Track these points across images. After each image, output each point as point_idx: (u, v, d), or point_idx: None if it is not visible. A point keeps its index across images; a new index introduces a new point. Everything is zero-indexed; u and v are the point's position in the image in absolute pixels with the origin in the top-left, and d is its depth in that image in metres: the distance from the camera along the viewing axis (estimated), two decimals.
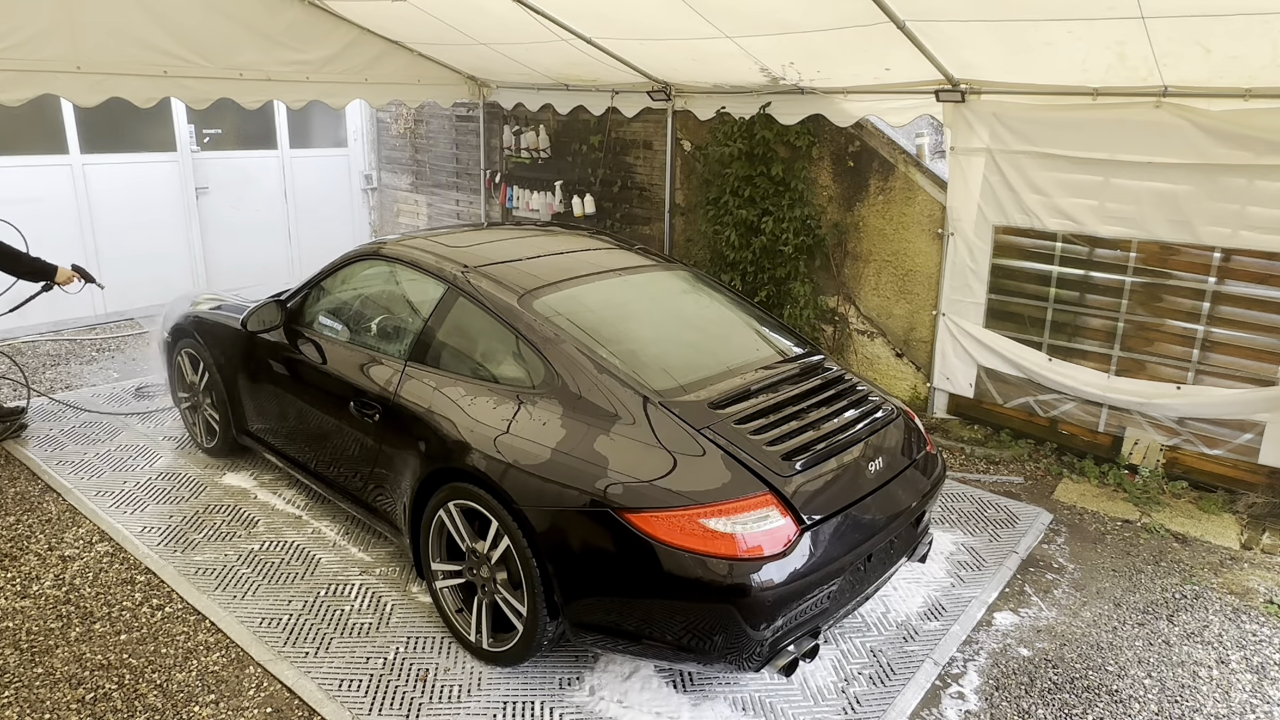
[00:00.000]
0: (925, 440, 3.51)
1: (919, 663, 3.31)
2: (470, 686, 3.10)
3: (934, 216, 5.54)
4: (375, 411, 3.47)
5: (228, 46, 5.87)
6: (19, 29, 4.95)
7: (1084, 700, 3.16)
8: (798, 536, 2.74)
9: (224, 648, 3.28)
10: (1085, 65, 4.24)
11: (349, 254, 4.05)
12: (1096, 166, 4.66)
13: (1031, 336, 5.20)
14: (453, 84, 7.61)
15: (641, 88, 6.61)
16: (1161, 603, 3.80)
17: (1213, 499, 4.67)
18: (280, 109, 8.65)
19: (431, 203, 9.46)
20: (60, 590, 3.63)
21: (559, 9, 5.22)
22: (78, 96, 5.31)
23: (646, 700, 3.05)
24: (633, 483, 2.76)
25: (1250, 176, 4.22)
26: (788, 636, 2.82)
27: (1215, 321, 4.56)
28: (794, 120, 5.84)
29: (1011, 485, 4.91)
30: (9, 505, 4.33)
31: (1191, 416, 4.70)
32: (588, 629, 2.89)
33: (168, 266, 8.10)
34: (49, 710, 2.94)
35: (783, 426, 3.06)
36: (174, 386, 5.04)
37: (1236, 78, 4.00)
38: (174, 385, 5.04)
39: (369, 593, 3.65)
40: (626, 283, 3.84)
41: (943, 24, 4.21)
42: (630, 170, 7.34)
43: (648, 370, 3.19)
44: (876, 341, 6.06)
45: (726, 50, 5.18)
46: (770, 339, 3.80)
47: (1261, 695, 3.22)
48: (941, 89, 4.98)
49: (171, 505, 4.35)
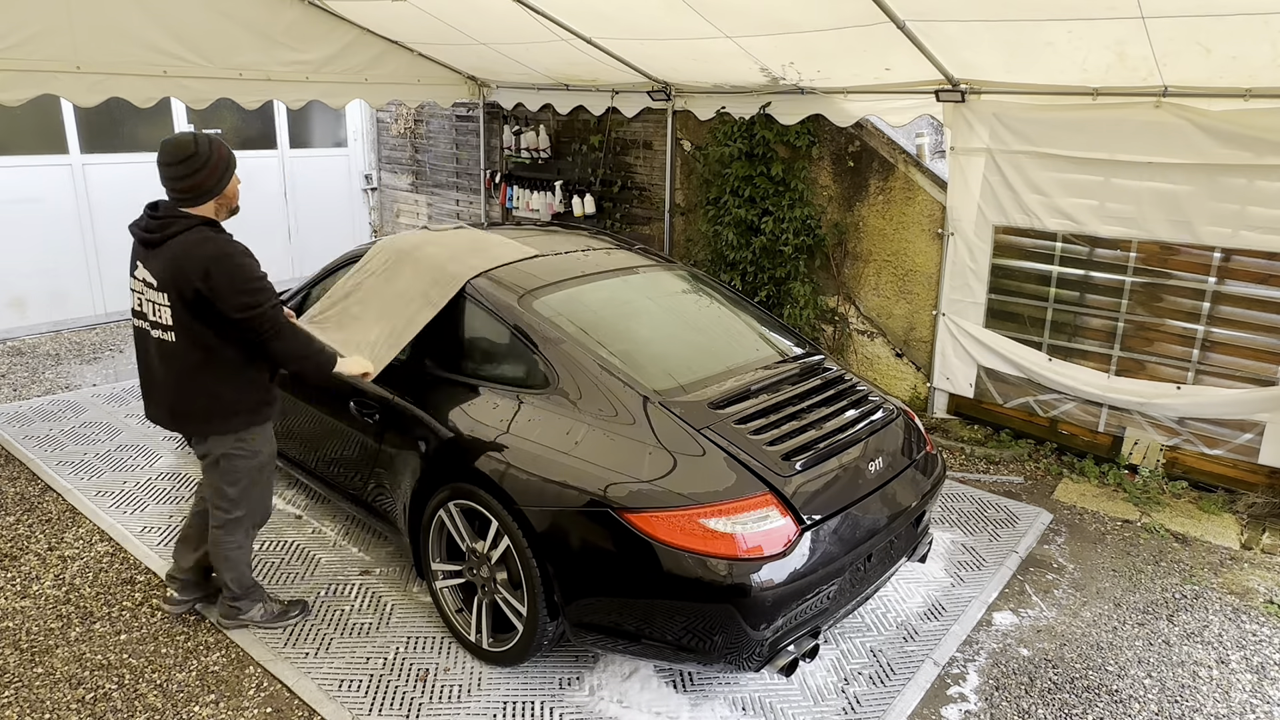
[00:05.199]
0: (925, 440, 3.51)
1: (919, 663, 3.31)
2: (470, 686, 3.10)
3: (934, 216, 5.54)
4: (375, 412, 3.47)
5: (227, 46, 5.87)
6: (19, 29, 4.95)
7: (1084, 700, 3.16)
8: (798, 536, 2.74)
9: (224, 648, 3.28)
10: (1085, 65, 4.24)
11: (349, 254, 4.05)
12: (1096, 166, 4.66)
13: (1031, 336, 5.20)
14: (452, 84, 7.61)
15: (641, 88, 6.61)
16: (1161, 603, 3.80)
17: (1213, 499, 4.67)
18: (280, 109, 8.65)
19: (431, 203, 9.46)
20: (60, 590, 3.63)
21: (559, 9, 5.22)
22: (77, 96, 5.31)
23: (646, 700, 3.05)
24: (633, 483, 2.76)
25: (1250, 176, 4.22)
26: (788, 636, 2.82)
27: (1215, 321, 4.56)
28: (794, 120, 5.84)
29: (1011, 485, 4.91)
30: (9, 505, 4.33)
31: (1191, 416, 4.70)
32: (588, 629, 2.89)
33: None
34: (49, 710, 2.94)
35: (783, 426, 3.07)
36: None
37: (1236, 78, 3.99)
38: None
39: (369, 593, 3.65)
40: (626, 283, 3.84)
41: (943, 24, 4.21)
42: (630, 170, 7.34)
43: (647, 370, 3.19)
44: (876, 341, 6.06)
45: (726, 50, 5.18)
46: (770, 339, 3.80)
47: (1261, 695, 3.22)
48: (941, 89, 4.98)
49: (171, 505, 4.35)
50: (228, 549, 3.18)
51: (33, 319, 7.36)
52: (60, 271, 7.44)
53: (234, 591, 3.26)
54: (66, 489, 4.48)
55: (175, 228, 2.80)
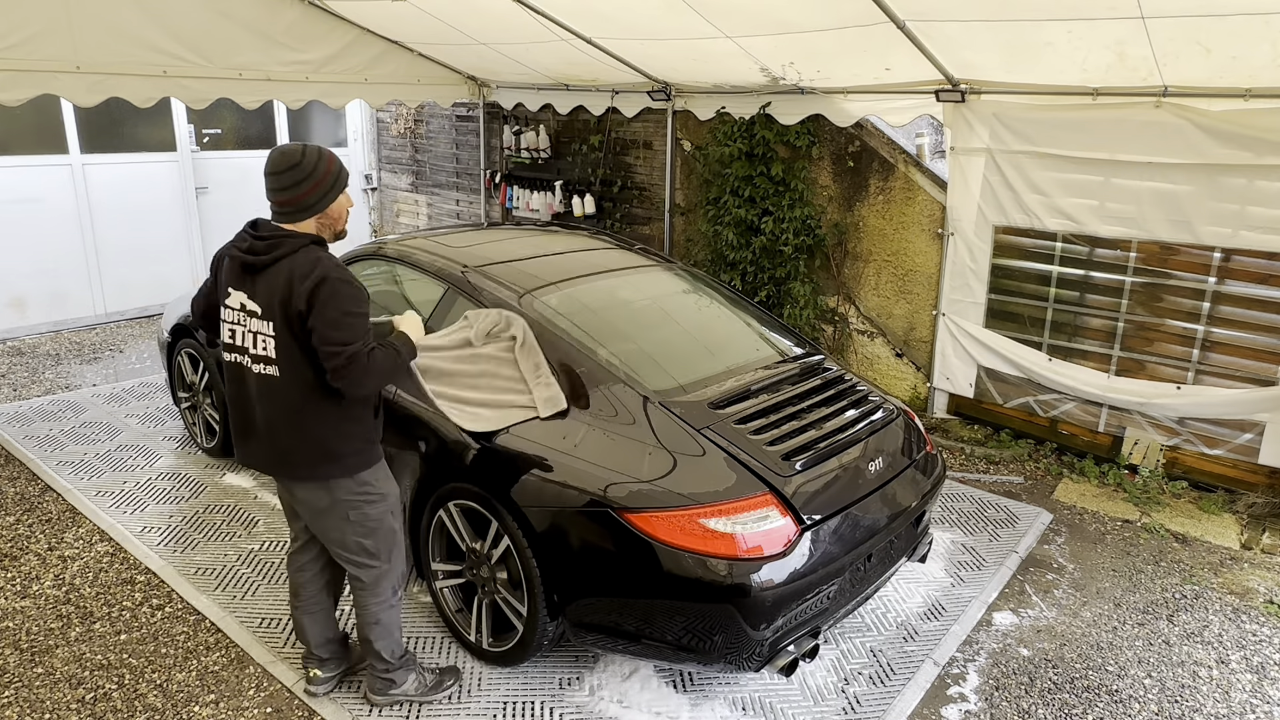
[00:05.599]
0: (925, 440, 3.51)
1: (919, 663, 3.31)
2: (470, 686, 3.10)
3: (934, 216, 5.54)
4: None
5: (227, 46, 5.87)
6: (19, 29, 4.95)
7: (1084, 700, 3.16)
8: (798, 536, 2.74)
9: (224, 648, 3.28)
10: (1085, 65, 4.24)
11: (349, 254, 4.05)
12: (1096, 166, 4.66)
13: (1031, 336, 5.20)
14: (452, 84, 7.61)
15: (641, 88, 6.60)
16: (1161, 603, 3.80)
17: (1213, 499, 4.67)
18: (280, 109, 8.65)
19: (431, 203, 9.46)
20: (60, 590, 3.63)
21: (559, 9, 5.22)
22: (77, 96, 5.31)
23: (646, 700, 3.05)
24: (633, 483, 2.76)
25: (1250, 176, 4.21)
26: (788, 636, 2.82)
27: (1215, 321, 4.56)
28: (794, 120, 5.84)
29: (1011, 485, 4.91)
30: (9, 505, 4.33)
31: (1191, 416, 4.70)
32: (588, 629, 2.89)
33: (168, 266, 8.10)
34: (49, 710, 2.94)
35: (783, 426, 3.07)
36: (174, 386, 5.04)
37: (1236, 78, 3.99)
38: (174, 385, 5.03)
39: None
40: (626, 282, 3.84)
41: (943, 24, 4.21)
42: (630, 170, 7.34)
43: (647, 370, 3.19)
44: (876, 341, 6.06)
45: (726, 50, 5.18)
46: (770, 339, 3.80)
47: (1261, 695, 3.22)
48: (941, 89, 4.98)
49: (171, 505, 4.35)
50: (378, 610, 2.79)
51: (33, 319, 7.36)
52: (60, 271, 7.44)
53: (387, 662, 2.88)
54: (66, 489, 4.48)
55: (284, 248, 2.48)
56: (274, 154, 2.54)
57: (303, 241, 2.51)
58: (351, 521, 2.67)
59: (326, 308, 2.42)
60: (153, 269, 7.99)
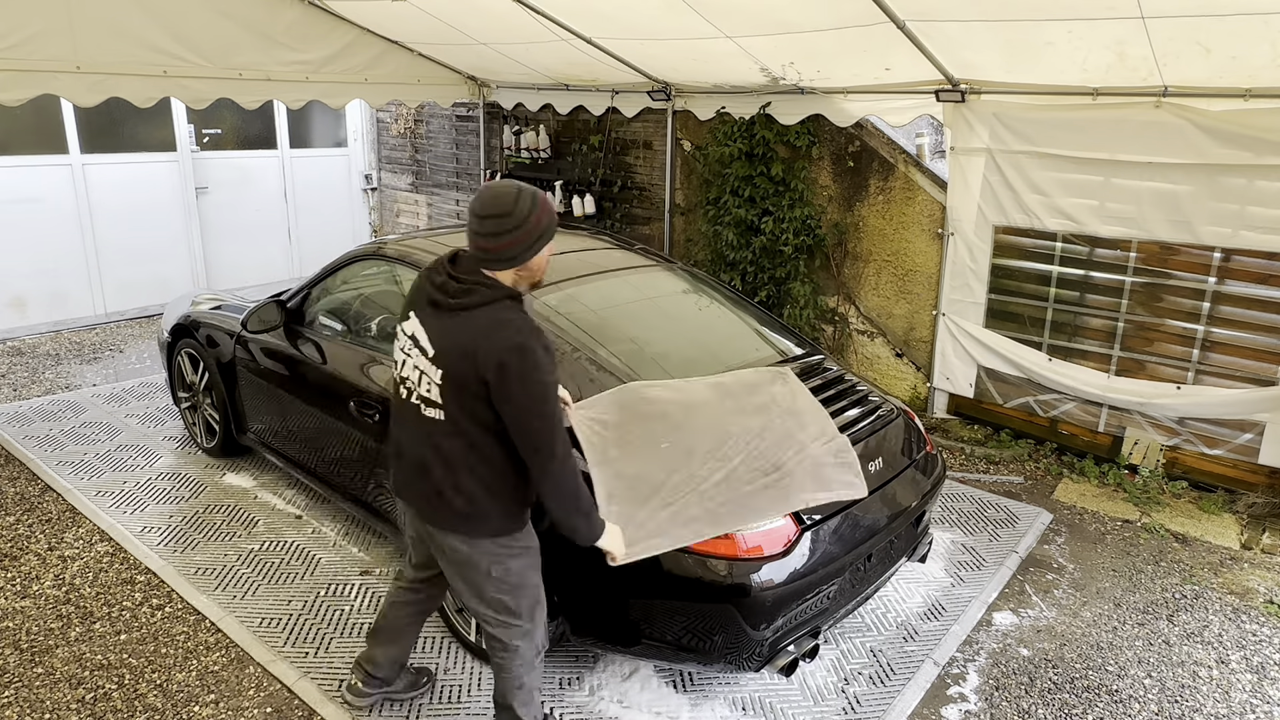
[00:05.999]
0: (925, 440, 3.51)
1: (919, 663, 3.31)
2: (470, 686, 3.10)
3: (934, 216, 5.54)
4: (375, 411, 3.47)
5: (227, 46, 5.87)
6: (19, 29, 4.95)
7: (1084, 700, 3.16)
8: (798, 536, 2.74)
9: (224, 648, 3.28)
10: (1085, 65, 4.24)
11: (349, 254, 4.04)
12: (1096, 166, 4.66)
13: (1031, 336, 5.20)
14: (452, 84, 7.61)
15: (641, 88, 6.61)
16: (1161, 603, 3.80)
17: (1213, 499, 4.67)
18: (280, 109, 8.65)
19: (432, 203, 9.46)
20: (60, 590, 3.63)
21: (559, 9, 5.22)
22: (77, 96, 5.31)
23: (646, 700, 3.05)
24: None
25: (1250, 176, 4.22)
26: (788, 636, 2.82)
27: (1215, 321, 4.56)
28: (794, 120, 5.84)
29: (1011, 485, 4.91)
30: (9, 505, 4.33)
31: (1191, 416, 4.70)
32: (588, 629, 2.89)
33: (168, 266, 8.10)
34: (49, 710, 2.94)
35: None
36: (174, 386, 5.04)
37: (1236, 78, 3.99)
38: (174, 385, 5.03)
39: (369, 593, 3.65)
40: (626, 282, 3.84)
41: (943, 24, 4.21)
42: (630, 170, 7.34)
43: (647, 369, 3.18)
44: (876, 341, 6.06)
45: (726, 50, 5.18)
46: (770, 339, 3.80)
47: (1261, 695, 3.22)
48: (941, 89, 4.98)
49: (171, 505, 4.35)
50: (522, 673, 2.55)
51: (33, 319, 7.36)
52: (60, 271, 7.44)
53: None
54: (66, 489, 4.48)
55: (477, 297, 2.24)
56: (485, 194, 2.26)
57: (500, 294, 2.26)
58: (493, 577, 2.44)
59: (522, 384, 2.19)
60: (153, 269, 7.99)
